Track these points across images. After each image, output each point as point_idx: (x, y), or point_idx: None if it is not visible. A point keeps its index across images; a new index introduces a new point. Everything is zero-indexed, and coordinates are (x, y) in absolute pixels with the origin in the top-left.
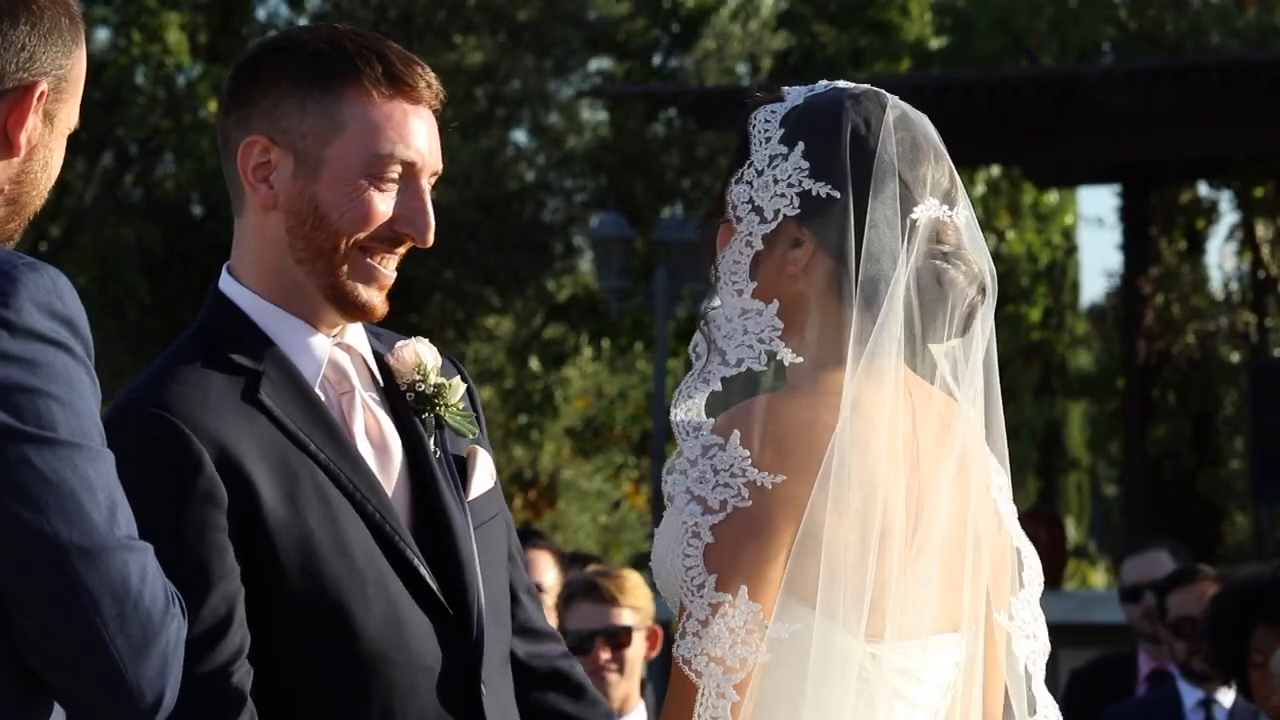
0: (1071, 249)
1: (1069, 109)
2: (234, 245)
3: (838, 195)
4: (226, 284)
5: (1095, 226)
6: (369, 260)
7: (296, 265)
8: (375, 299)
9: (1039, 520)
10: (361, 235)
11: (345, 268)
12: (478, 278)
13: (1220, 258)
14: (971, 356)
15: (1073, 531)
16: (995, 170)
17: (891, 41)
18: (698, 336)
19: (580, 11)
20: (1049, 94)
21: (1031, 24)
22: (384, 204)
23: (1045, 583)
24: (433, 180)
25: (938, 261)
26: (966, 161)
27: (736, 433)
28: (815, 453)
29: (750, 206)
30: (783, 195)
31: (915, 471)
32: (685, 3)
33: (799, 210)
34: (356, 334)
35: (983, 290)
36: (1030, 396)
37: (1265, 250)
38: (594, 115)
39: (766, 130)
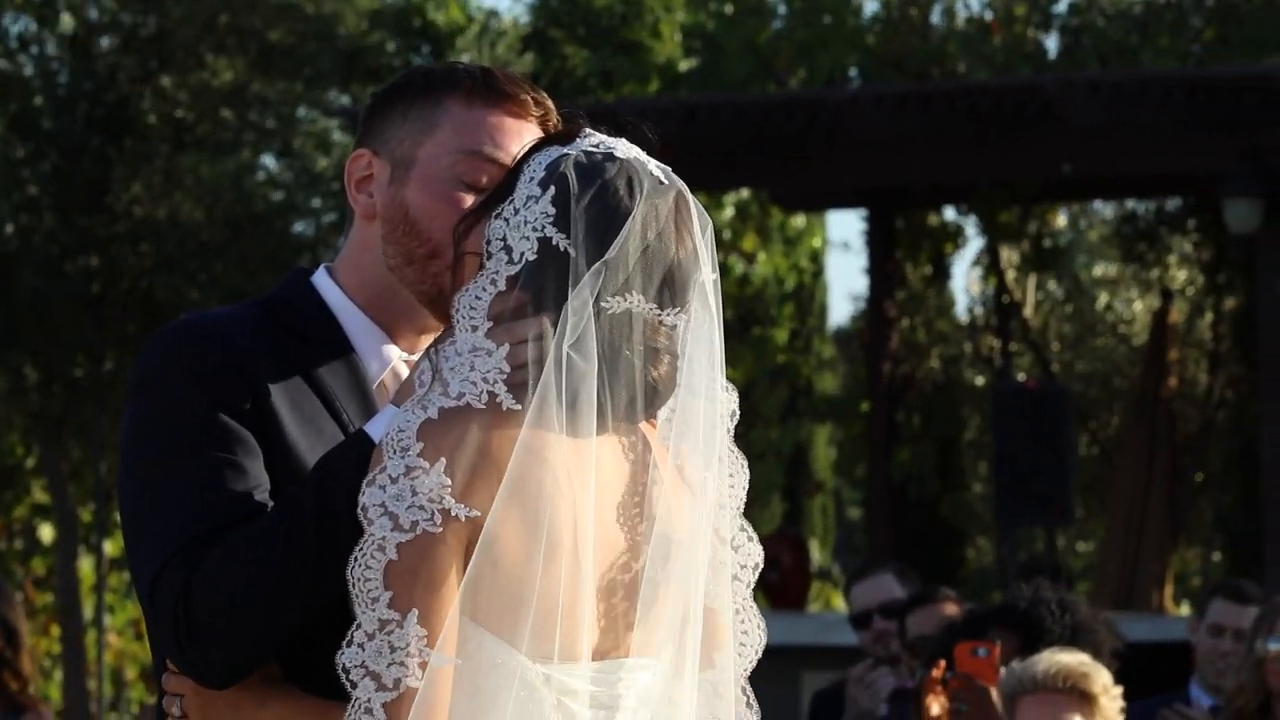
0: (818, 272)
1: (816, 133)
2: (338, 257)
3: (571, 253)
4: (318, 276)
5: (842, 250)
6: None
7: (390, 273)
8: None
9: (784, 542)
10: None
11: (449, 275)
12: (224, 298)
13: (965, 282)
14: (689, 427)
15: (817, 554)
16: (743, 193)
17: (641, 63)
18: (424, 363)
19: (330, 33)
20: (796, 118)
21: (780, 48)
22: None
23: (789, 605)
24: None
25: (617, 354)
26: (714, 185)
27: (442, 460)
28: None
29: (502, 245)
30: (527, 239)
31: (609, 516)
32: (435, 24)
33: (536, 256)
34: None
35: (653, 395)
36: (776, 419)
37: (1010, 275)
38: (344, 137)
39: (533, 172)
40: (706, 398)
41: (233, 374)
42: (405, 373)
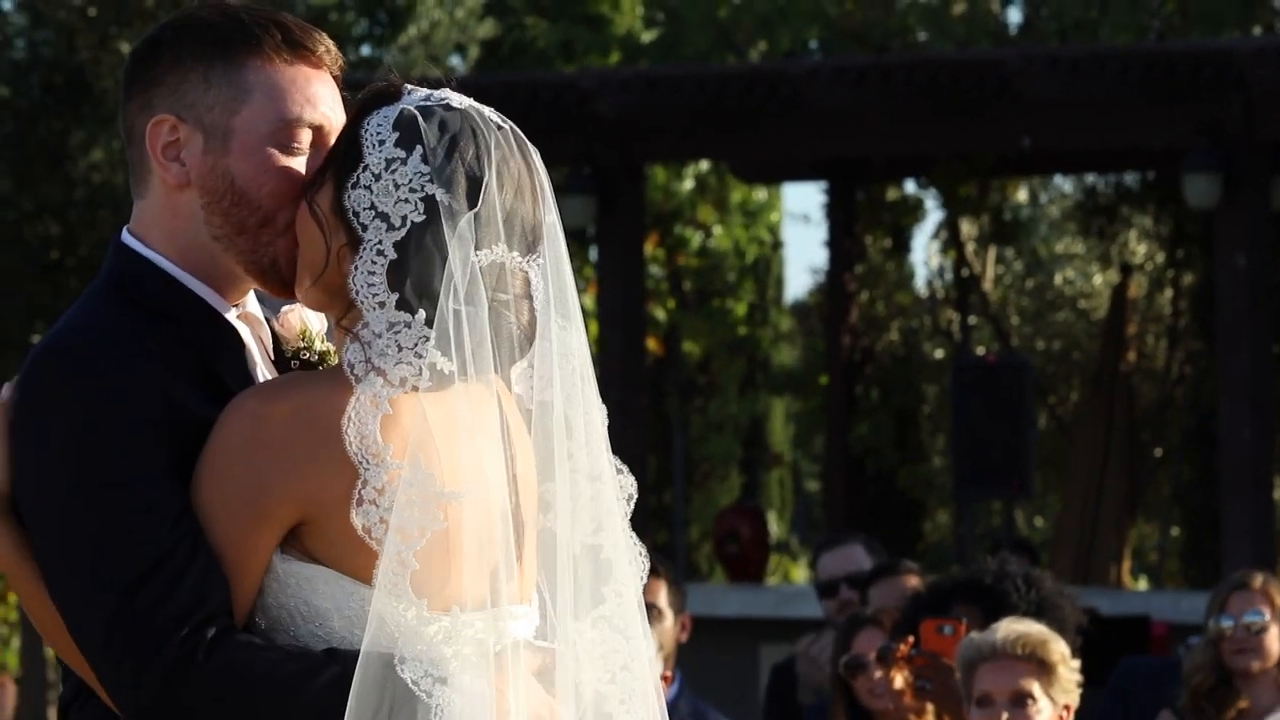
0: (777, 245)
1: (776, 105)
2: (135, 223)
3: (460, 207)
4: (139, 247)
5: (801, 223)
6: None
7: (214, 242)
8: None
9: (741, 515)
10: (290, 208)
11: (282, 242)
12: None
13: (925, 255)
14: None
15: (775, 526)
16: (703, 165)
17: (602, 34)
18: (355, 353)
19: (289, 2)
20: (757, 91)
21: (740, 20)
22: (300, 171)
23: (748, 578)
24: None
25: (493, 305)
26: (674, 157)
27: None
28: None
29: (374, 213)
30: (406, 200)
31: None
32: None
33: (424, 216)
34: (253, 303)
35: (524, 343)
36: (734, 391)
37: (969, 248)
38: None
39: (380, 133)
40: (560, 338)
41: (153, 388)
42: (244, 333)
